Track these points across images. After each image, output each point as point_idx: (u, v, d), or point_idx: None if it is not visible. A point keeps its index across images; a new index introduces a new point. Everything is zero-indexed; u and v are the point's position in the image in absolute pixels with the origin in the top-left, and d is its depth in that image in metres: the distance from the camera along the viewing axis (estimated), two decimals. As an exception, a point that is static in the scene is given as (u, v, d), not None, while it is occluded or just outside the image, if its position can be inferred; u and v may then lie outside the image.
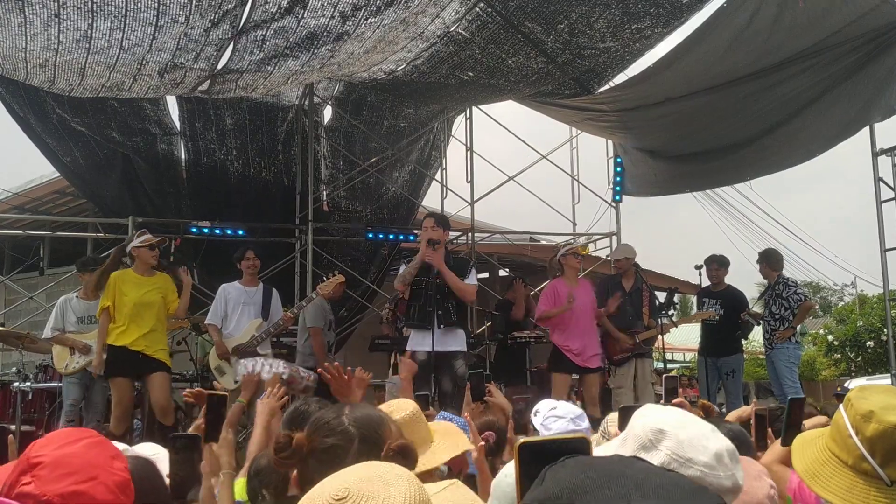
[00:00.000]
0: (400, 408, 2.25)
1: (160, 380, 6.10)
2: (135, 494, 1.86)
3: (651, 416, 1.47)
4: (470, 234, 10.53)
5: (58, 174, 9.80)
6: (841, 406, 1.62)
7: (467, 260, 6.19)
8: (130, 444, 2.94)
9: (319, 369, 3.23)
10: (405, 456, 1.53)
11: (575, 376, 7.03)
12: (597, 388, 6.95)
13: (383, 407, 2.19)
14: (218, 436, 2.44)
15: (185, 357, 8.20)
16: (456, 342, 5.89)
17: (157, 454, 2.28)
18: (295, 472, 1.62)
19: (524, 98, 8.87)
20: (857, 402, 1.54)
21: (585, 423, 2.87)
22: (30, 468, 1.38)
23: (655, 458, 1.37)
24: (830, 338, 16.99)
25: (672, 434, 1.39)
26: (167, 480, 2.05)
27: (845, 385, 12.67)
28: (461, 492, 1.46)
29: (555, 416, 2.86)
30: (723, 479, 1.35)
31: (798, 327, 7.75)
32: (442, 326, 5.77)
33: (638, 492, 0.63)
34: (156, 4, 5.16)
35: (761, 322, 7.70)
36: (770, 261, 7.79)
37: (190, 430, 2.53)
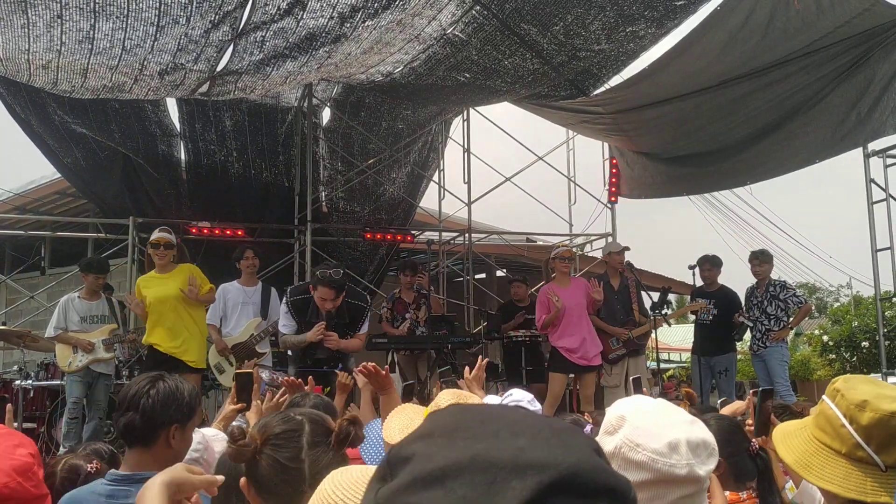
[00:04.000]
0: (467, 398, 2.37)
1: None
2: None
3: (622, 405, 1.50)
4: (467, 235, 10.62)
5: (59, 175, 9.83)
6: (825, 397, 1.63)
7: (364, 308, 5.57)
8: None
9: (360, 367, 3.26)
10: (355, 424, 1.68)
11: (571, 375, 7.12)
12: (593, 388, 7.02)
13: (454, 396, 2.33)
14: (249, 405, 3.06)
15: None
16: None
17: (217, 435, 2.65)
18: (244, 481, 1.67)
19: (520, 100, 8.95)
20: (847, 392, 1.56)
21: (538, 405, 2.98)
22: None
23: (611, 442, 1.41)
24: (825, 338, 16.97)
25: (631, 421, 1.43)
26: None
27: (838, 384, 12.73)
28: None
29: (514, 403, 2.93)
30: (675, 468, 1.36)
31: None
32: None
33: (508, 430, 0.65)
34: (157, 4, 5.24)
35: (754, 322, 7.77)
36: (772, 262, 7.88)
37: (229, 407, 3.09)
